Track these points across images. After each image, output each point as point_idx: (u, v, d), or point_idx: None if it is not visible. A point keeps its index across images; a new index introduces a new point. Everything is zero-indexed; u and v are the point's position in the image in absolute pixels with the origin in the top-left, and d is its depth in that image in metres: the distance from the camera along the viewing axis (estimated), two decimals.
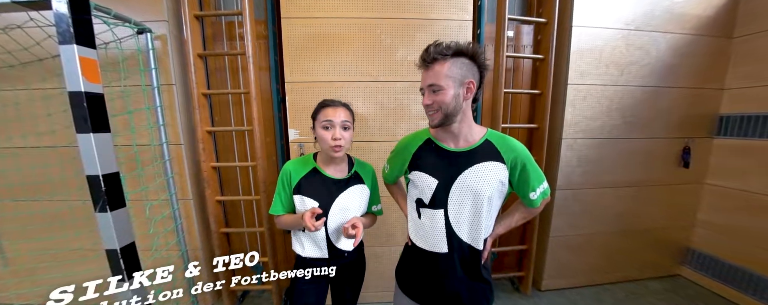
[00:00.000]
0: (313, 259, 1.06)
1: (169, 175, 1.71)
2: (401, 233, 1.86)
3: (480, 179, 0.82)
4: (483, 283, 0.92)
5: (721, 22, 1.97)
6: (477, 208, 0.84)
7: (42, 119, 1.74)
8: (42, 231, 1.90)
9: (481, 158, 0.84)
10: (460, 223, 0.86)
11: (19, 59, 1.62)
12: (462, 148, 0.86)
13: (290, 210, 1.07)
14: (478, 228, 0.86)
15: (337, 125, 0.95)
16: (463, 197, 0.84)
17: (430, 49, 0.79)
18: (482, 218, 0.85)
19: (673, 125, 2.03)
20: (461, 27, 1.64)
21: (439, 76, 0.78)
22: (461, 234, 0.86)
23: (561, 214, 1.99)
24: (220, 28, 1.77)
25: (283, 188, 1.05)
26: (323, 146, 0.99)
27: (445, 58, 0.78)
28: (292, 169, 1.04)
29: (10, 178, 1.83)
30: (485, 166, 0.83)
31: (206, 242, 1.92)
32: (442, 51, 0.78)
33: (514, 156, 0.84)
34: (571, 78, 1.81)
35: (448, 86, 0.78)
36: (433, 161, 0.88)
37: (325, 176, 1.04)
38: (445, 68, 0.78)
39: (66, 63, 1.18)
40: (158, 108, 1.63)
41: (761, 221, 1.88)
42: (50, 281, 1.97)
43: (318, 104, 1.02)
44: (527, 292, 2.06)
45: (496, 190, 0.84)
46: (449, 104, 0.79)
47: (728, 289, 2.03)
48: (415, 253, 0.96)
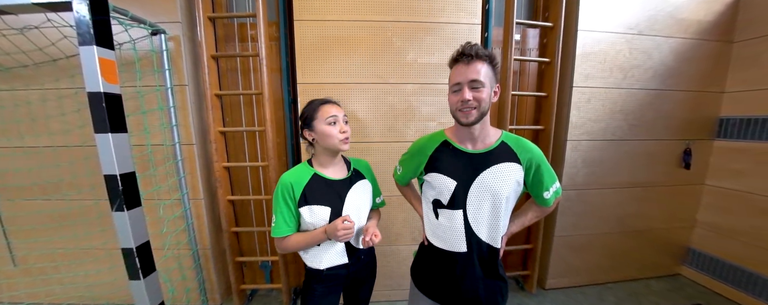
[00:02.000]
0: (333, 268, 1.01)
1: (181, 175, 1.74)
2: (408, 232, 1.89)
3: (498, 179, 0.85)
4: (500, 281, 0.94)
5: (721, 27, 2.01)
6: (496, 208, 0.86)
7: (55, 118, 1.76)
8: (53, 231, 1.91)
9: (498, 159, 0.86)
10: (480, 223, 0.88)
11: (33, 59, 1.64)
12: (479, 149, 0.88)
13: (296, 228, 0.98)
14: (497, 227, 0.88)
15: (341, 119, 0.95)
16: (482, 198, 0.86)
17: (472, 45, 0.79)
18: (501, 218, 0.87)
19: (674, 127, 2.07)
20: (470, 31, 1.68)
21: (481, 73, 0.78)
22: (480, 233, 0.89)
23: (565, 214, 2.03)
24: (232, 29, 1.79)
25: (286, 203, 0.94)
26: (330, 143, 0.94)
27: (484, 60, 0.79)
28: (293, 180, 0.95)
29: (23, 177, 1.85)
30: (502, 167, 0.86)
31: (216, 241, 1.94)
32: (483, 52, 0.79)
33: (530, 157, 0.87)
34: (576, 81, 1.85)
35: (487, 85, 0.79)
36: (451, 163, 0.89)
37: (328, 179, 0.99)
38: (485, 68, 0.79)
39: (86, 64, 1.20)
40: (171, 108, 1.65)
41: (760, 222, 1.92)
42: (60, 280, 1.99)
43: (313, 105, 0.98)
44: (532, 291, 2.10)
45: (512, 190, 0.87)
46: (487, 102, 0.80)
47: (728, 288, 2.07)
48: (432, 253, 0.97)
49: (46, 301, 2.02)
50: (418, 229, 1.89)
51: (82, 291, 1.97)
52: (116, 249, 1.87)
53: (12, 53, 1.59)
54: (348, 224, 0.89)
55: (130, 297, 2.02)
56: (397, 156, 1.13)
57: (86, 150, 1.78)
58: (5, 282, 2.02)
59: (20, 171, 1.83)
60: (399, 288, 1.96)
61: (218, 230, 1.93)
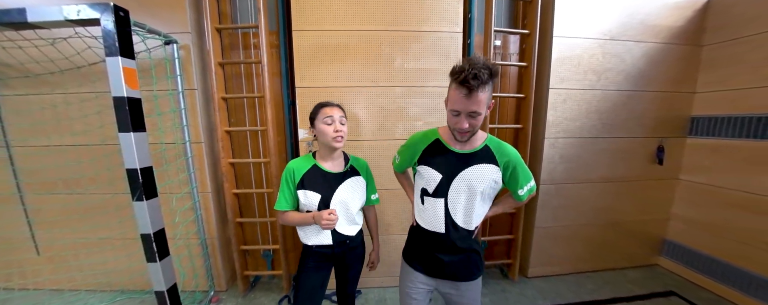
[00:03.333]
0: (320, 246, 1.18)
1: (191, 170, 1.91)
2: (398, 223, 2.06)
3: (476, 177, 0.99)
4: (474, 253, 1.09)
5: (690, 32, 2.16)
6: (471, 199, 1.01)
7: (77, 120, 1.94)
8: (74, 222, 2.10)
9: (479, 160, 1.00)
10: (457, 210, 1.03)
11: (59, 67, 1.83)
12: (466, 150, 1.01)
13: (294, 206, 1.17)
14: (471, 215, 1.03)
15: (337, 120, 1.11)
16: (460, 191, 1.01)
17: (478, 70, 0.78)
18: (474, 208, 1.02)
19: (647, 125, 2.22)
20: (452, 38, 1.84)
21: (481, 104, 0.84)
22: (457, 218, 1.04)
23: (545, 207, 2.18)
24: (236, 38, 1.97)
25: (287, 185, 1.14)
26: (325, 139, 1.11)
27: (486, 85, 0.82)
28: (295, 167, 1.15)
29: (48, 173, 2.03)
30: (482, 167, 0.99)
31: (222, 231, 2.12)
32: (486, 78, 0.80)
33: (507, 160, 1.00)
34: (552, 83, 2.00)
35: (483, 111, 0.86)
36: (440, 159, 1.03)
37: (324, 171, 1.16)
38: (486, 95, 0.83)
39: (111, 72, 1.38)
40: (182, 110, 1.83)
41: (730, 215, 2.05)
42: (80, 267, 2.18)
43: (316, 106, 1.16)
44: (515, 278, 2.25)
45: (488, 187, 1.01)
46: (479, 125, 0.92)
47: (702, 277, 2.21)
48: (419, 233, 1.13)
49: (67, 287, 2.20)
50: (407, 220, 2.05)
51: (100, 277, 2.15)
52: (132, 238, 2.07)
53: (41, 62, 1.78)
54: (332, 217, 1.06)
55: (143, 283, 2.23)
56: (387, 153, 1.29)
57: (105, 148, 1.97)
58: (30, 270, 2.21)
59: (46, 168, 2.02)
60: (390, 275, 2.12)
61: (224, 221, 2.11)
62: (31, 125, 1.99)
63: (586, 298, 2.07)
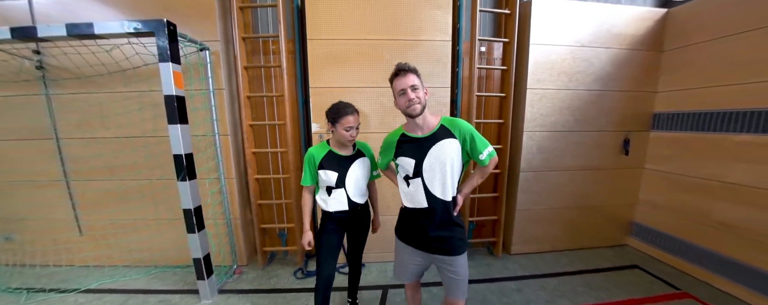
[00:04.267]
0: (338, 211, 1.50)
1: (219, 158, 2.23)
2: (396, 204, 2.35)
3: (442, 152, 1.20)
4: (455, 226, 1.26)
5: (652, 39, 2.48)
6: (443, 172, 1.23)
7: (121, 116, 2.25)
8: (114, 205, 2.41)
9: (439, 138, 1.21)
10: (434, 185, 1.25)
11: (108, 70, 2.14)
12: (426, 134, 1.22)
13: (315, 181, 1.50)
14: (445, 186, 1.25)
15: (354, 128, 1.40)
16: (433, 167, 1.21)
17: (404, 64, 1.18)
18: (447, 178, 1.25)
19: (615, 120, 2.54)
20: (443, 46, 2.16)
21: (415, 80, 1.17)
22: (435, 191, 1.26)
23: (525, 192, 2.50)
24: (258, 45, 2.28)
25: (309, 166, 1.46)
26: (342, 139, 1.42)
27: (413, 72, 1.18)
28: (315, 152, 1.46)
29: (91, 162, 2.34)
30: (443, 143, 1.20)
31: (245, 212, 2.43)
32: (411, 67, 1.18)
33: (462, 131, 1.20)
34: (529, 84, 2.32)
35: (421, 87, 1.18)
36: (410, 147, 1.25)
37: (338, 155, 1.46)
38: (415, 77, 1.18)
39: (163, 74, 1.70)
40: (213, 107, 2.14)
41: (690, 199, 2.35)
42: (118, 245, 2.49)
43: (340, 111, 1.38)
44: (499, 255, 2.57)
45: (455, 157, 1.24)
46: (424, 98, 1.18)
47: (664, 254, 2.52)
48: (407, 213, 1.34)
49: (107, 263, 2.51)
50: None
51: (135, 254, 2.46)
52: (165, 219, 2.40)
53: (94, 65, 2.09)
54: (308, 246, 1.49)
55: (174, 258, 2.53)
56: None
57: (144, 140, 2.28)
58: (73, 247, 2.51)
59: (89, 157, 2.33)
60: (389, 250, 2.42)
61: (246, 203, 2.42)
62: (78, 119, 2.30)
63: (560, 270, 2.39)
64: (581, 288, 2.14)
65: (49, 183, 2.41)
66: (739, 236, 2.03)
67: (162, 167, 2.32)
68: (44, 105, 2.29)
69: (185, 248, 2.29)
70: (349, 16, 2.10)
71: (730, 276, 2.07)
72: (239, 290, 2.15)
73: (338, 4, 2.08)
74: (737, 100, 2.03)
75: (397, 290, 2.13)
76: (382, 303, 1.99)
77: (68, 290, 2.17)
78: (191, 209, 1.85)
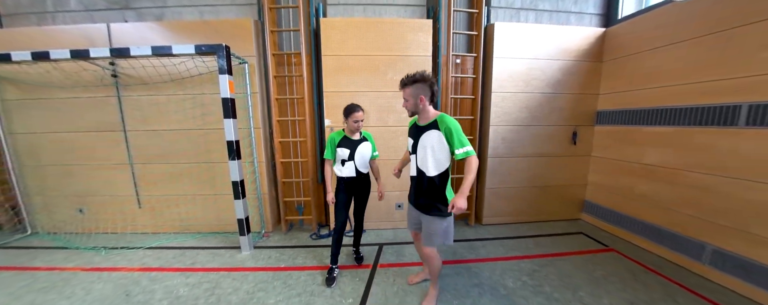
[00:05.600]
0: (348, 177, 2.17)
1: (253, 146, 2.88)
2: (391, 185, 3.02)
3: (428, 138, 1.63)
4: (432, 196, 1.66)
5: (594, 52, 3.12)
6: (426, 153, 1.66)
7: (177, 113, 2.91)
8: (167, 183, 3.07)
9: (429, 128, 1.62)
10: (420, 160, 1.77)
11: (171, 76, 2.80)
12: (423, 123, 1.65)
13: (333, 156, 2.14)
14: (427, 163, 1.74)
15: (361, 122, 2.08)
16: (423, 148, 1.65)
17: (404, 78, 1.61)
18: (428, 158, 1.74)
19: (565, 117, 3.18)
20: (425, 59, 2.82)
21: (406, 95, 1.64)
22: (421, 166, 1.77)
23: (493, 174, 3.15)
24: (283, 59, 2.95)
25: (331, 145, 2.12)
26: (353, 128, 2.08)
27: (406, 86, 1.63)
28: (335, 136, 2.13)
29: (152, 149, 3.00)
30: (431, 132, 1.62)
31: (271, 189, 3.09)
32: (403, 82, 1.64)
33: (445, 127, 1.56)
34: (494, 88, 2.97)
35: (410, 99, 1.62)
36: (413, 131, 1.74)
37: (350, 139, 2.14)
38: (406, 92, 1.63)
39: (222, 84, 2.37)
40: (250, 107, 2.80)
41: (621, 178, 2.97)
42: (171, 216, 3.14)
43: (351, 109, 2.03)
44: (472, 224, 3.21)
45: (436, 144, 1.59)
46: (412, 105, 1.64)
47: (607, 225, 3.14)
48: (412, 179, 1.82)
49: (160, 230, 3.16)
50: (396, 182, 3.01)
51: (184, 223, 3.11)
52: (210, 194, 3.06)
53: (161, 73, 2.75)
54: (331, 202, 2.12)
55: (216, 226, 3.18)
56: (384, 134, 2.24)
57: (195, 132, 2.94)
58: (134, 216, 3.16)
59: (151, 145, 2.99)
60: (387, 219, 3.08)
61: (272, 182, 3.07)
62: (142, 115, 2.96)
63: (519, 235, 3.02)
64: (532, 246, 2.78)
65: (117, 166, 3.07)
66: (652, 204, 2.66)
67: (206, 153, 2.98)
68: (116, 105, 2.96)
69: (224, 217, 2.98)
70: (354, 38, 2.76)
71: (644, 234, 2.71)
72: (268, 246, 2.80)
73: (345, 29, 2.75)
74: (650, 100, 2.66)
75: (388, 247, 2.77)
76: (377, 255, 2.63)
77: (136, 247, 2.82)
78: (238, 181, 2.51)
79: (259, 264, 2.47)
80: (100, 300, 2.02)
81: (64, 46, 2.74)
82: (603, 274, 2.29)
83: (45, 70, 2.80)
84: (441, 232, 1.70)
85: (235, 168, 2.47)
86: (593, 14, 3.24)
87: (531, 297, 2.00)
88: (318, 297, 2.02)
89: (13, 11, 3.12)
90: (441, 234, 1.71)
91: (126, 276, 2.32)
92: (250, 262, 2.51)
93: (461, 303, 1.95)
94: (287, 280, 2.22)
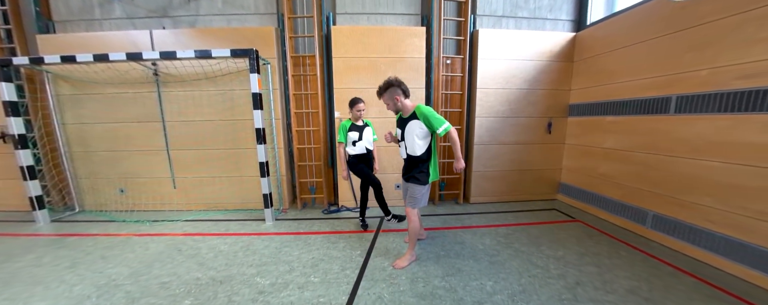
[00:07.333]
0: (359, 154, 2.72)
1: (274, 134, 3.40)
2: (392, 169, 3.53)
3: (410, 127, 2.21)
4: (415, 170, 2.26)
5: (565, 53, 3.63)
6: (411, 139, 2.27)
7: (209, 106, 3.42)
8: (199, 166, 3.57)
9: (411, 119, 2.15)
10: (406, 145, 2.31)
11: (206, 75, 3.31)
12: (406, 116, 2.25)
13: (345, 140, 2.71)
14: (413, 148, 2.28)
15: (363, 111, 2.64)
16: (409, 135, 2.27)
17: (378, 91, 2.10)
18: (415, 143, 2.27)
19: (541, 109, 3.68)
20: (420, 61, 3.33)
21: (383, 99, 2.12)
22: (408, 150, 2.31)
23: (478, 158, 3.65)
24: (299, 60, 3.46)
25: (343, 131, 2.70)
26: (356, 116, 2.66)
27: (383, 94, 2.10)
28: (345, 124, 2.72)
29: (186, 137, 3.51)
30: (412, 122, 2.22)
31: (288, 171, 3.60)
32: (379, 92, 2.12)
33: (421, 114, 2.25)
34: (479, 85, 3.48)
35: (387, 103, 2.12)
36: (399, 122, 2.35)
37: (356, 125, 2.72)
38: (384, 98, 2.11)
39: (252, 81, 2.88)
40: (271, 101, 3.31)
41: (587, 161, 3.47)
42: (201, 194, 3.64)
43: (355, 101, 2.67)
44: (461, 202, 3.72)
45: (418, 131, 2.23)
46: (392, 108, 2.14)
47: (577, 202, 3.64)
48: (404, 161, 2.45)
49: (193, 207, 3.66)
50: (393, 164, 3.51)
51: (212, 201, 3.62)
52: (236, 176, 3.59)
53: (198, 72, 3.26)
54: (344, 177, 2.71)
55: (240, 204, 3.67)
56: (384, 125, 2.76)
57: (223, 123, 3.44)
58: (170, 195, 3.67)
59: (186, 134, 3.50)
60: (387, 198, 3.58)
61: (289, 165, 3.58)
62: (178, 108, 3.47)
63: (500, 211, 3.53)
64: (511, 218, 3.28)
65: (155, 152, 3.58)
66: (609, 181, 3.16)
67: (233, 141, 3.49)
68: (156, 99, 3.47)
69: (247, 197, 3.51)
70: (359, 42, 3.27)
71: (605, 207, 3.22)
72: (287, 219, 3.31)
73: (352, 35, 3.27)
74: (609, 94, 3.16)
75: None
76: (380, 224, 3.13)
77: (175, 220, 3.32)
78: (264, 162, 3.02)
79: (281, 230, 2.98)
80: (158, 253, 2.53)
81: (114, 49, 3.25)
82: (564, 236, 2.79)
83: (99, 70, 3.31)
84: (419, 196, 2.16)
85: (262, 151, 2.98)
86: (566, 20, 3.74)
87: (502, 250, 2.51)
88: (333, 250, 2.53)
89: (65, 18, 3.63)
90: (418, 197, 2.17)
91: (173, 239, 2.82)
92: (274, 229, 3.02)
93: (446, 253, 2.45)
94: (307, 240, 2.73)
